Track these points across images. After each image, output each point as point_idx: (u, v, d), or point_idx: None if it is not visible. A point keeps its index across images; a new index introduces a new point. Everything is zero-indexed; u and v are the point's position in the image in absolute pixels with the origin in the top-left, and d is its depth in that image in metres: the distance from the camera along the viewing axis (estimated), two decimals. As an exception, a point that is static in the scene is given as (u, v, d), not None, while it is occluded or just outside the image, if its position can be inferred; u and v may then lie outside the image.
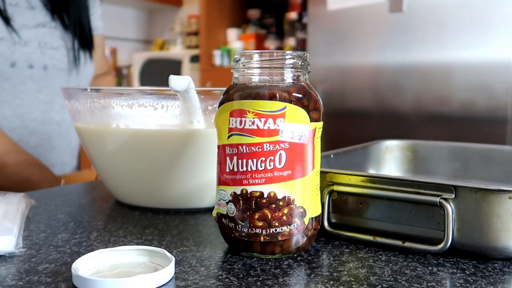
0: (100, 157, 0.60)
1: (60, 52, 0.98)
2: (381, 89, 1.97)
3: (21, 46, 0.92)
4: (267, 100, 0.40)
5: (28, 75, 0.93)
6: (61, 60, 0.99)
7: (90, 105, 0.58)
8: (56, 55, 0.98)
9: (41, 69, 0.95)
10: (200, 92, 0.54)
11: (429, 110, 1.83)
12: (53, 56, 0.97)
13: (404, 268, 0.39)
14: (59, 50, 0.98)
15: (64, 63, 0.99)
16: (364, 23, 1.98)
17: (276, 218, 0.40)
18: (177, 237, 0.47)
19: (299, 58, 0.42)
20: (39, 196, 0.63)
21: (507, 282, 0.37)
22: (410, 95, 1.88)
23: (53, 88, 0.98)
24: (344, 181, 0.46)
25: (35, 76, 0.94)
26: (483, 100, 1.71)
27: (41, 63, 0.95)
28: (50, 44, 0.97)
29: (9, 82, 0.92)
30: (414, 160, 0.70)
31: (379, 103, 1.97)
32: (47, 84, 0.97)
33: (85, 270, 0.37)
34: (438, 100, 1.81)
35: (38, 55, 0.95)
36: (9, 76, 0.91)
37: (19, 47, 0.92)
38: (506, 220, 0.39)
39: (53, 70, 0.97)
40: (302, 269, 0.40)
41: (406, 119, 1.89)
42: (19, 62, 0.92)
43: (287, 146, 0.40)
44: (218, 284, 0.36)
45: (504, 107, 1.67)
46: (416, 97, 1.87)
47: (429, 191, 0.42)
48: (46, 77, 0.96)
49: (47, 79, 0.96)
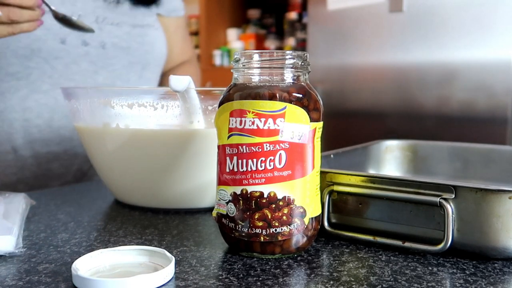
0: (100, 157, 0.60)
1: (123, 29, 0.86)
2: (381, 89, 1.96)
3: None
4: (267, 100, 0.40)
5: (82, 53, 0.82)
6: (122, 38, 0.86)
7: (90, 105, 0.58)
8: (117, 31, 0.85)
9: (98, 47, 0.84)
10: (200, 92, 0.54)
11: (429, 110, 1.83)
12: (113, 32, 0.85)
13: (404, 268, 0.39)
14: (121, 27, 0.86)
15: (125, 41, 0.86)
16: (364, 23, 1.98)
17: (276, 218, 0.40)
18: (177, 237, 0.47)
19: (299, 58, 0.42)
20: (39, 196, 0.63)
21: (507, 282, 0.37)
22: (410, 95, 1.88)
23: (113, 70, 0.86)
24: (344, 181, 0.46)
25: (91, 54, 0.83)
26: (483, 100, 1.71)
27: (98, 41, 0.83)
28: (110, 20, 0.85)
29: (60, 60, 0.81)
30: (414, 160, 0.70)
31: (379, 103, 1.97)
32: (106, 64, 0.85)
33: (85, 270, 0.37)
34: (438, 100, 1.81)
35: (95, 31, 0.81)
36: (59, 54, 0.80)
37: None
38: (506, 220, 0.39)
39: (113, 49, 0.85)
40: (302, 269, 0.39)
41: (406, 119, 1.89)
42: (71, 38, 0.80)
43: (287, 146, 0.40)
44: (218, 284, 0.36)
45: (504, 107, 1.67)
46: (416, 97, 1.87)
47: (429, 191, 0.42)
48: (105, 56, 0.84)
49: (106, 59, 0.85)
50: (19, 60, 0.79)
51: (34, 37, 0.78)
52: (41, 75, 0.80)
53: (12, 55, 0.78)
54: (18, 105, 0.80)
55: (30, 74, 0.80)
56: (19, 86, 0.80)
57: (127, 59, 0.87)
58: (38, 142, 0.82)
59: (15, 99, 0.80)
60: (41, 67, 0.80)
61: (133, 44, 0.88)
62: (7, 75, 0.79)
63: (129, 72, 0.88)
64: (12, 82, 0.79)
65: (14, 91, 0.80)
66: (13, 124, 0.81)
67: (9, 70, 0.79)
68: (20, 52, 0.78)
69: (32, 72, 0.80)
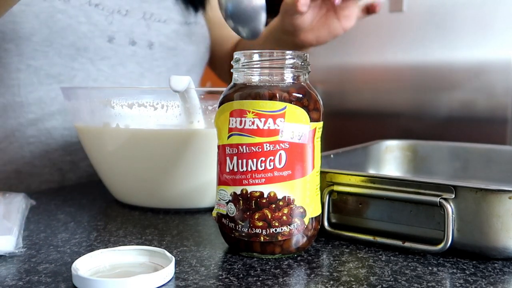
0: (100, 157, 0.60)
1: (170, 26, 0.79)
2: (381, 89, 1.96)
3: (121, 16, 0.73)
4: (267, 100, 0.40)
5: (130, 53, 0.75)
6: (170, 36, 0.79)
7: (90, 105, 0.58)
8: (165, 29, 0.78)
9: (145, 47, 0.76)
10: (200, 92, 0.54)
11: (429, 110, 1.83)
12: (161, 30, 0.78)
13: (404, 268, 0.39)
14: (169, 24, 0.79)
15: (173, 41, 0.79)
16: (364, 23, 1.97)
17: (276, 218, 0.40)
18: (177, 237, 0.47)
19: (299, 58, 0.42)
20: (39, 196, 0.63)
21: (507, 282, 0.37)
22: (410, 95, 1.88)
23: (159, 72, 0.79)
24: (344, 181, 0.46)
25: (138, 55, 0.76)
26: (483, 100, 1.71)
27: (145, 39, 0.76)
28: (157, 16, 0.78)
29: (107, 61, 0.73)
30: (414, 160, 0.70)
31: (379, 103, 1.97)
32: (153, 66, 0.78)
33: (85, 270, 0.37)
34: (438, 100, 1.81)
35: (142, 28, 0.76)
36: (107, 54, 0.72)
37: (118, 17, 0.73)
38: (506, 220, 0.39)
39: (160, 49, 0.78)
40: (302, 269, 0.39)
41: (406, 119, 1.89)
42: (119, 36, 0.73)
43: (287, 146, 0.40)
44: (218, 284, 0.36)
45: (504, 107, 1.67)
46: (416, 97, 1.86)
47: (429, 191, 0.42)
48: (151, 57, 0.77)
49: (152, 60, 0.77)
50: (62, 60, 0.70)
51: (80, 34, 0.70)
52: (85, 77, 0.72)
53: (55, 54, 0.69)
54: (58, 112, 0.72)
55: (74, 77, 0.71)
56: (60, 90, 0.69)
57: (173, 61, 0.80)
58: (80, 155, 0.74)
59: (55, 105, 0.72)
60: (86, 69, 0.72)
61: (180, 44, 0.80)
62: (47, 77, 0.70)
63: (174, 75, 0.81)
64: (53, 85, 0.71)
65: (55, 96, 0.71)
66: (52, 134, 0.73)
67: (50, 72, 0.70)
68: (64, 51, 0.70)
69: (76, 75, 0.71)
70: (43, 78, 0.70)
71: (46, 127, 0.72)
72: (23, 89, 0.70)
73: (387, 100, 1.95)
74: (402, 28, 1.88)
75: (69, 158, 0.74)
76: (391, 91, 1.94)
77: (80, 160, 0.75)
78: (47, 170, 0.74)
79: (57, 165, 0.74)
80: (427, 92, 1.84)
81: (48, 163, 0.74)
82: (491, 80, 1.69)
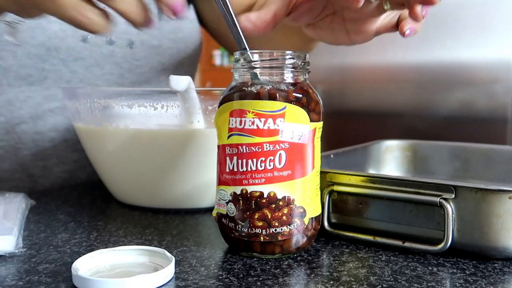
0: (100, 157, 0.60)
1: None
2: (381, 89, 1.96)
3: None
4: (267, 100, 0.40)
5: (107, 53, 0.71)
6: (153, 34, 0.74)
7: (90, 105, 0.58)
8: None
9: (125, 47, 0.72)
10: (200, 92, 0.54)
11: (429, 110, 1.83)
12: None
13: (404, 268, 0.39)
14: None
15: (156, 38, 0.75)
16: (364, 23, 1.97)
17: (276, 218, 0.40)
18: (177, 237, 0.47)
19: (299, 58, 0.42)
20: (39, 196, 0.63)
21: (507, 282, 0.37)
22: (410, 95, 1.88)
23: (142, 72, 0.75)
24: (344, 181, 0.46)
25: (117, 55, 0.72)
26: (483, 100, 1.71)
27: (125, 38, 0.72)
28: None
29: (81, 62, 0.69)
30: (414, 160, 0.70)
31: (379, 103, 1.97)
32: (133, 66, 0.74)
33: (85, 270, 0.37)
34: (438, 100, 1.81)
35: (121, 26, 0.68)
36: (80, 55, 0.69)
37: None
38: (506, 220, 0.39)
39: (142, 48, 0.74)
40: (302, 269, 0.39)
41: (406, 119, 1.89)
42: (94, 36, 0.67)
43: (287, 146, 0.40)
44: (218, 284, 0.36)
45: (504, 107, 1.67)
46: (416, 97, 1.86)
47: (429, 191, 0.42)
48: (131, 57, 0.73)
49: (133, 60, 0.74)
50: (32, 61, 0.66)
51: (51, 33, 0.66)
52: (57, 79, 0.68)
53: (24, 55, 0.66)
54: (28, 115, 0.69)
55: (45, 79, 0.68)
56: (31, 93, 0.68)
57: (156, 60, 0.76)
58: (52, 160, 0.71)
59: (26, 108, 0.68)
60: (58, 70, 0.68)
61: (165, 42, 0.76)
62: (17, 79, 0.67)
63: (160, 75, 0.78)
64: (23, 87, 0.67)
65: (25, 98, 0.68)
66: (21, 138, 0.69)
67: (20, 73, 0.66)
68: (34, 51, 0.66)
69: (47, 76, 0.68)
70: (12, 80, 0.67)
71: (15, 131, 0.69)
72: None
73: (387, 100, 1.95)
74: (402, 28, 1.88)
75: (41, 163, 0.71)
76: (391, 91, 1.94)
77: (53, 165, 0.72)
78: (18, 175, 0.71)
79: (28, 171, 0.71)
80: (427, 92, 1.84)
81: (18, 168, 0.71)
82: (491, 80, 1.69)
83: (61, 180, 0.73)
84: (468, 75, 1.73)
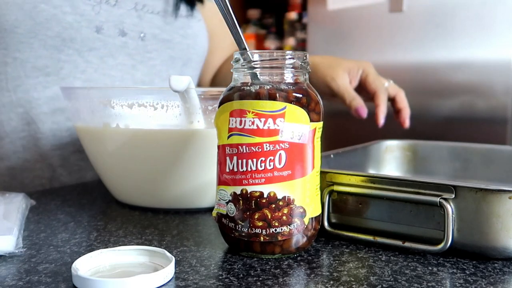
0: (100, 157, 0.60)
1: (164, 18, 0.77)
2: (381, 89, 1.96)
3: (110, 6, 0.72)
4: (267, 100, 0.40)
5: (119, 44, 0.73)
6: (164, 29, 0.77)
7: (90, 105, 0.58)
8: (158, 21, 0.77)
9: (137, 38, 0.74)
10: (200, 92, 0.54)
11: (429, 110, 1.83)
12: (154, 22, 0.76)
13: (404, 268, 0.39)
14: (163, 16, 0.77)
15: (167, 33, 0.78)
16: (364, 23, 1.98)
17: (276, 218, 0.40)
18: (177, 237, 0.47)
19: (299, 58, 0.42)
20: (39, 196, 0.63)
21: (507, 282, 0.37)
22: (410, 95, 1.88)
23: (153, 65, 0.77)
24: (344, 181, 0.46)
25: (129, 46, 0.74)
26: (483, 100, 1.71)
27: (137, 31, 0.74)
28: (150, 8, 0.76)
29: (95, 52, 0.71)
30: (414, 160, 0.70)
31: (379, 103, 1.97)
32: (145, 59, 0.76)
33: (85, 270, 0.37)
34: (438, 100, 1.81)
35: (133, 19, 0.74)
36: (95, 45, 0.71)
37: (106, 7, 0.71)
38: (506, 220, 0.39)
39: (153, 41, 0.76)
40: (302, 269, 0.39)
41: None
42: (107, 26, 0.71)
43: (287, 146, 0.40)
44: (218, 284, 0.36)
45: (504, 107, 1.67)
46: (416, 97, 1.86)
47: (429, 191, 0.42)
48: (143, 49, 0.76)
49: (145, 53, 0.76)
50: (48, 52, 0.69)
51: (66, 24, 0.68)
52: (73, 70, 0.71)
53: (40, 46, 0.68)
54: (46, 105, 0.71)
55: (61, 69, 0.70)
56: (47, 83, 0.70)
57: (167, 53, 0.79)
58: (69, 148, 0.73)
59: (43, 98, 0.70)
60: (74, 61, 0.70)
61: (176, 36, 0.79)
62: (34, 70, 0.69)
63: (169, 69, 0.80)
64: (40, 78, 0.70)
65: (42, 88, 0.70)
66: (40, 128, 0.71)
67: (36, 64, 0.69)
68: (50, 42, 0.68)
69: (63, 67, 0.70)
70: (29, 71, 0.69)
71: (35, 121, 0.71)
72: (11, 83, 0.69)
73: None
74: (402, 28, 1.88)
75: (59, 152, 0.73)
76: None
77: (70, 154, 0.74)
78: (38, 165, 0.73)
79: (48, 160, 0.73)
80: (427, 92, 1.84)
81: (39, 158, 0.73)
82: (491, 80, 1.69)
83: (77, 168, 0.75)
84: (468, 75, 1.73)
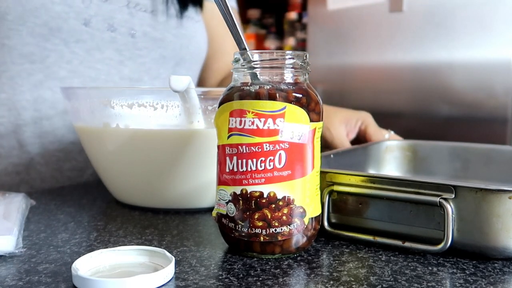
0: (100, 157, 0.60)
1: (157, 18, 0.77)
2: (381, 89, 1.96)
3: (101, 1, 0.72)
4: (267, 100, 0.40)
5: (108, 39, 0.73)
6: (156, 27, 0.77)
7: (90, 105, 0.58)
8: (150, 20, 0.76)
9: (126, 35, 0.74)
10: (200, 92, 0.54)
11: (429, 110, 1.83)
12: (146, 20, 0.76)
13: (404, 268, 0.39)
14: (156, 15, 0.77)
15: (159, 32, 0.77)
16: (364, 23, 1.98)
17: (276, 218, 0.40)
18: (177, 237, 0.47)
19: (299, 58, 0.42)
20: (39, 196, 0.63)
21: (507, 282, 0.37)
22: (410, 95, 1.88)
23: (142, 62, 0.77)
24: (344, 181, 0.46)
25: (118, 42, 0.74)
26: (483, 100, 1.71)
27: (127, 27, 0.74)
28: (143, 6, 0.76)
29: (82, 45, 0.71)
30: (414, 160, 0.70)
31: (379, 103, 1.97)
32: (134, 55, 0.76)
33: (85, 270, 0.37)
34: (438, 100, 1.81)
35: (124, 16, 0.74)
36: (82, 37, 0.71)
37: (97, 1, 0.72)
38: (506, 220, 0.39)
39: (144, 39, 0.76)
40: (302, 269, 0.39)
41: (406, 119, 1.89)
42: (96, 20, 0.71)
43: (287, 146, 0.40)
44: (218, 284, 0.36)
45: (504, 107, 1.67)
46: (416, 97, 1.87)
47: (429, 191, 0.42)
48: (133, 46, 0.75)
49: (134, 49, 0.76)
50: (35, 40, 0.69)
51: (54, 13, 0.69)
52: (58, 59, 0.71)
53: (28, 34, 0.68)
54: (29, 92, 0.71)
55: (47, 57, 0.70)
56: (32, 71, 0.70)
57: (158, 52, 0.78)
58: (49, 138, 0.73)
59: (26, 85, 0.70)
60: (60, 50, 0.71)
61: (168, 35, 0.79)
62: (20, 57, 0.69)
63: (160, 67, 0.80)
64: (25, 65, 0.70)
65: (27, 75, 0.70)
66: (21, 115, 0.71)
67: (23, 51, 0.69)
68: (38, 30, 0.68)
69: (49, 55, 0.70)
70: (15, 57, 0.69)
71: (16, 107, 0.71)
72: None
73: (387, 100, 1.95)
74: (402, 28, 1.89)
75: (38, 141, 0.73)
76: (391, 91, 1.94)
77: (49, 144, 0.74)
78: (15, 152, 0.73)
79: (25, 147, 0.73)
80: (427, 92, 1.84)
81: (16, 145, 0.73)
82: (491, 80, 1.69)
83: (55, 158, 0.75)
84: (468, 75, 1.73)
